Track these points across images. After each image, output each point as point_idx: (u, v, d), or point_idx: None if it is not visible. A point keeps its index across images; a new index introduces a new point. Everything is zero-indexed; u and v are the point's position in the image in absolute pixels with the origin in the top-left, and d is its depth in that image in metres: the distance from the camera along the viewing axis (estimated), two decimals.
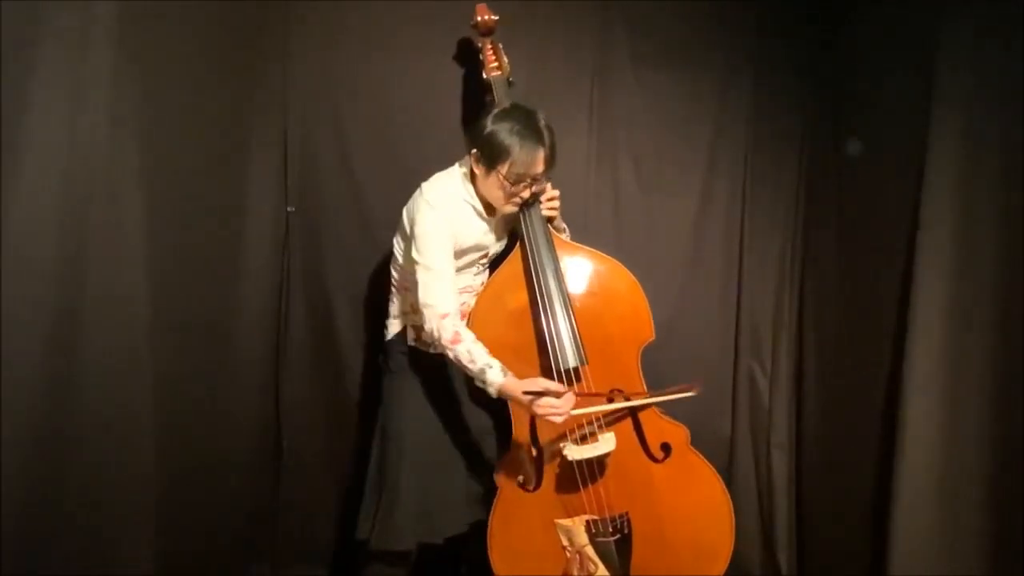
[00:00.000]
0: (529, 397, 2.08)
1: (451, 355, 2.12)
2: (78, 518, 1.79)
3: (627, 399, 2.33)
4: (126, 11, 1.79)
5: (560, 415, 2.09)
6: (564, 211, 2.47)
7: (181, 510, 2.17)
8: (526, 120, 2.17)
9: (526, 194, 2.23)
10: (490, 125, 2.17)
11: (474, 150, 2.20)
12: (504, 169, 2.15)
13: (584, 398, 2.22)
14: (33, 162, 1.61)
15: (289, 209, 2.65)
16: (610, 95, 2.75)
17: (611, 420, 2.32)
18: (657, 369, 2.45)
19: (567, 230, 2.45)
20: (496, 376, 2.08)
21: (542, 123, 2.18)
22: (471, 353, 2.10)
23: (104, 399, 1.83)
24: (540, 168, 2.18)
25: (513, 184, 2.18)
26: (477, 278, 2.39)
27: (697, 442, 2.40)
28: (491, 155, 2.16)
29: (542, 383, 2.10)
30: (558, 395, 2.08)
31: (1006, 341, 2.15)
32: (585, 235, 2.60)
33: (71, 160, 1.69)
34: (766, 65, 2.80)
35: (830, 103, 2.75)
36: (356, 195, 2.67)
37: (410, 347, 2.35)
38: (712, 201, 2.85)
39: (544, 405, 2.08)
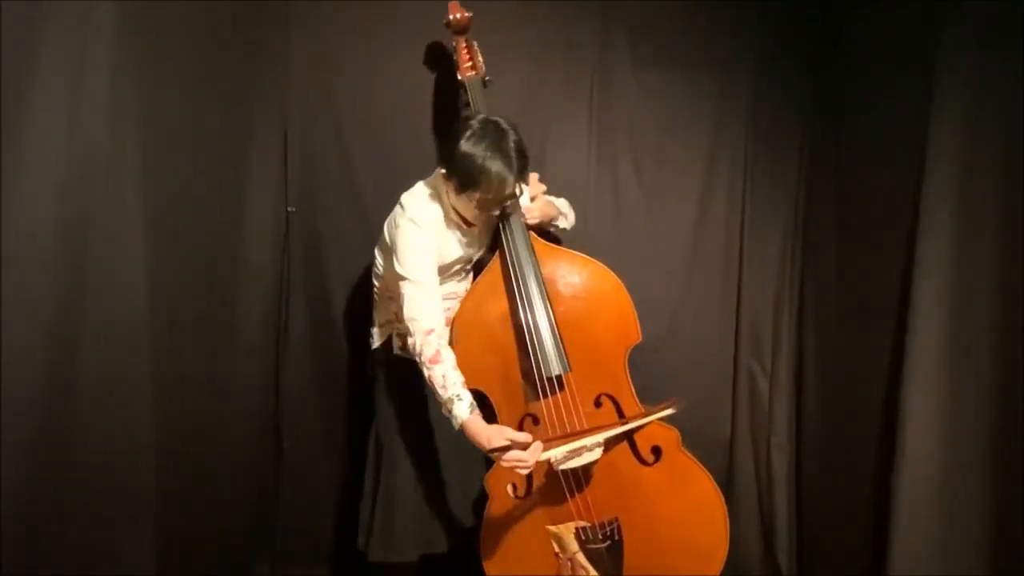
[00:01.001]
0: (496, 454, 2.04)
1: (426, 373, 2.08)
2: (78, 518, 1.79)
3: (617, 405, 2.31)
4: (126, 11, 1.79)
5: (526, 468, 2.06)
6: None
7: (181, 509, 2.17)
8: (497, 145, 2.09)
9: (496, 212, 2.21)
10: (462, 148, 2.10)
11: (443, 170, 2.16)
12: (477, 196, 2.12)
13: (550, 441, 2.18)
14: (33, 161, 1.61)
15: (289, 209, 2.65)
16: (610, 95, 2.75)
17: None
18: (657, 370, 2.46)
19: (566, 214, 2.42)
20: (461, 411, 2.04)
21: (512, 145, 2.11)
22: (445, 378, 2.05)
23: (104, 398, 1.83)
24: (510, 191, 2.14)
25: (483, 207, 2.16)
26: (461, 284, 2.38)
27: (697, 442, 2.39)
28: (462, 181, 2.11)
29: (508, 435, 2.05)
30: (524, 446, 2.04)
31: (1006, 340, 2.14)
32: (585, 235, 2.61)
33: (71, 159, 1.69)
34: (766, 65, 2.80)
35: (830, 103, 2.75)
36: (356, 195, 2.67)
37: (396, 356, 2.34)
38: (712, 201, 2.85)
39: (510, 459, 2.03)
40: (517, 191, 2.17)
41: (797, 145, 2.85)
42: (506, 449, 2.02)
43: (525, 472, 2.07)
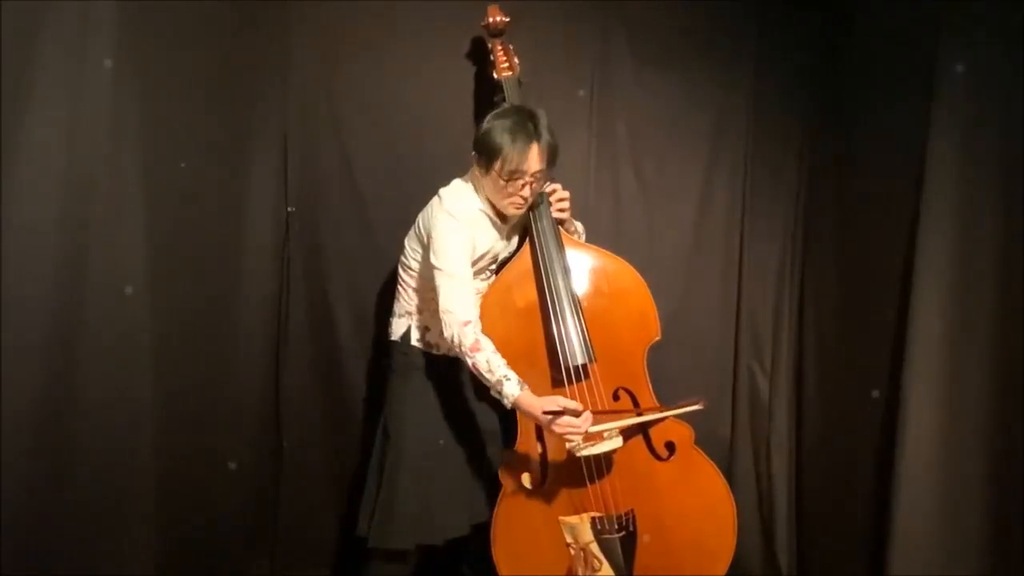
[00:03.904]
0: (548, 417, 2.07)
1: (470, 362, 2.11)
2: (78, 518, 1.79)
3: (635, 399, 2.33)
4: (126, 11, 1.79)
5: (579, 434, 2.10)
6: None
7: (181, 509, 2.17)
8: (520, 118, 2.17)
9: (526, 193, 2.20)
10: (486, 124, 2.18)
11: (473, 152, 2.21)
12: (498, 167, 2.15)
13: (600, 414, 2.22)
14: (33, 162, 1.61)
15: (289, 209, 2.65)
16: (610, 95, 2.75)
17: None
18: (657, 369, 2.45)
19: (580, 233, 2.45)
20: (513, 389, 2.07)
21: (541, 121, 2.18)
22: (489, 363, 2.09)
23: (104, 399, 1.84)
24: (536, 165, 2.16)
25: (508, 182, 2.16)
26: (485, 283, 2.39)
27: (697, 441, 2.40)
28: (486, 155, 2.16)
29: (561, 402, 2.09)
30: (576, 413, 2.08)
31: (1006, 341, 2.15)
32: (585, 235, 2.60)
33: (71, 160, 1.69)
34: (766, 65, 2.80)
35: (830, 104, 2.75)
36: (356, 195, 2.67)
37: (413, 347, 2.35)
38: (712, 201, 2.85)
39: (563, 424, 2.08)
40: (546, 166, 2.19)
41: (797, 145, 2.84)
42: (559, 415, 2.06)
43: (577, 439, 2.11)
